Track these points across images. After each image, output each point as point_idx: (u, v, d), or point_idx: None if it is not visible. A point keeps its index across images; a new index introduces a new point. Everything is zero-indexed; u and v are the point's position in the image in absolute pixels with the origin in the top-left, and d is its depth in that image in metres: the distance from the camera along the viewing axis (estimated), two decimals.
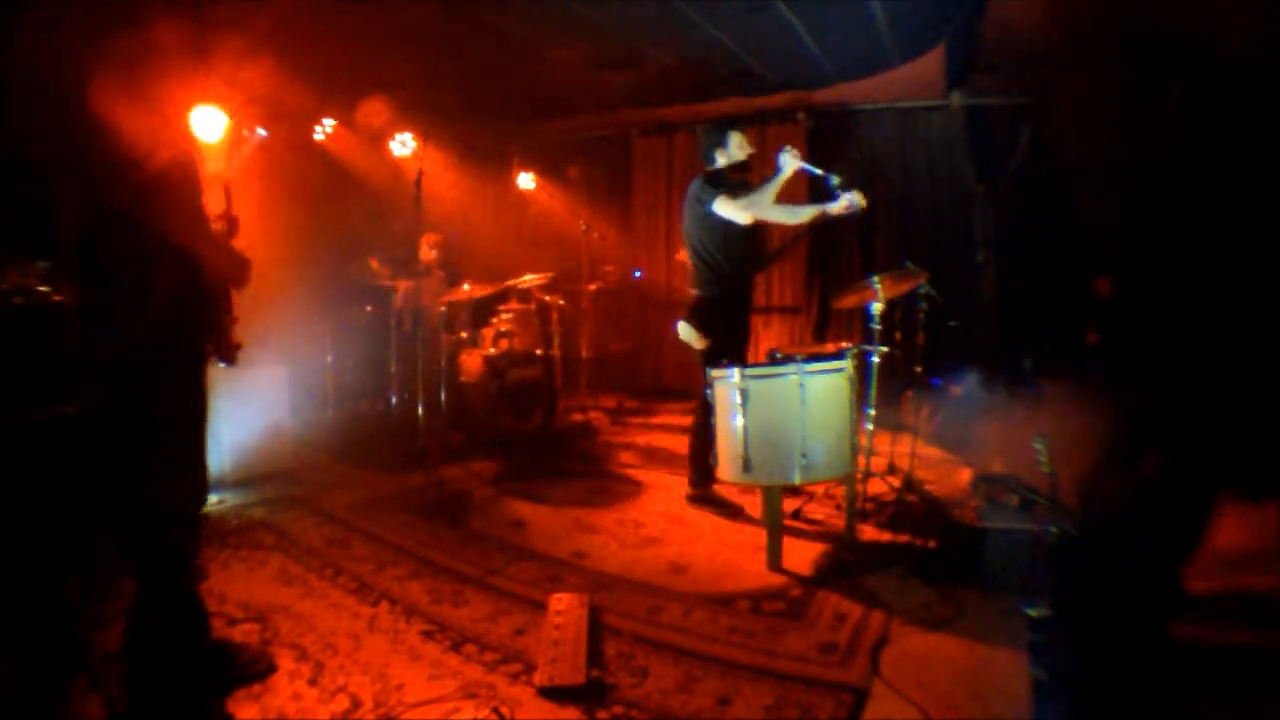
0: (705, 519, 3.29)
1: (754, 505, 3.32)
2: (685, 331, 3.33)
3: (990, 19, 3.97)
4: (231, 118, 4.82)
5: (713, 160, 3.41)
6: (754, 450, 2.70)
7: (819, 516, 3.26)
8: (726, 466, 2.86)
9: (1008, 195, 4.98)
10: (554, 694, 1.88)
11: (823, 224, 4.88)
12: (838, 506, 3.29)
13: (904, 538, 2.97)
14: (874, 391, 3.21)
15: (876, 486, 3.50)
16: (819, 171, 3.19)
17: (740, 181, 3.37)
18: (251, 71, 4.32)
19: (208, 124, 4.33)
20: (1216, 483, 1.80)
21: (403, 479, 3.95)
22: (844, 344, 3.12)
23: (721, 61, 4.90)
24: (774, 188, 3.17)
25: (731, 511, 3.35)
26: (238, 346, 2.06)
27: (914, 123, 5.62)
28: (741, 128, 3.49)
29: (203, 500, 2.01)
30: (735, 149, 3.40)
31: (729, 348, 3.24)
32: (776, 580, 2.61)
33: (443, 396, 4.65)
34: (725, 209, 3.20)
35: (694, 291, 3.38)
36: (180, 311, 2.10)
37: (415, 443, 4.33)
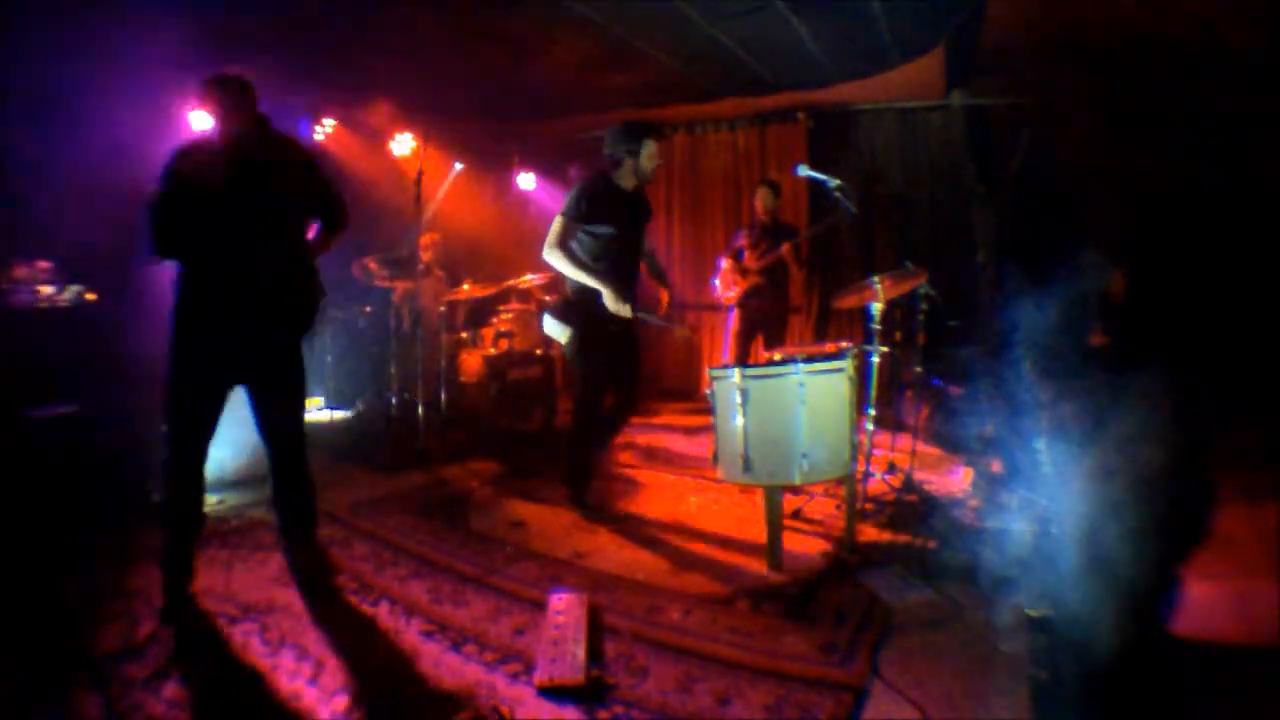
0: (705, 519, 3.30)
1: (754, 505, 3.32)
2: (549, 326, 3.35)
3: (990, 19, 3.97)
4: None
5: (614, 160, 3.26)
6: (754, 450, 2.70)
7: (819, 516, 3.27)
8: (726, 466, 2.86)
9: (1008, 195, 4.98)
10: (554, 693, 1.88)
11: (825, 226, 4.92)
12: (838, 506, 3.29)
13: (904, 538, 2.97)
14: (874, 391, 3.21)
15: (876, 486, 3.50)
16: (821, 176, 3.26)
17: (618, 202, 3.25)
18: (251, 71, 4.32)
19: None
20: (1218, 482, 1.80)
21: (403, 479, 3.95)
22: (844, 344, 3.12)
23: (721, 61, 4.90)
24: (573, 270, 3.20)
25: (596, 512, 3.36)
26: None
27: (914, 123, 5.62)
28: (660, 136, 3.28)
29: None
30: (645, 160, 3.24)
31: (594, 345, 3.26)
32: (776, 580, 2.61)
33: (443, 396, 4.65)
34: (552, 227, 3.23)
35: (567, 288, 3.38)
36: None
37: (415, 443, 4.33)
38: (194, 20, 3.48)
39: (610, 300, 3.15)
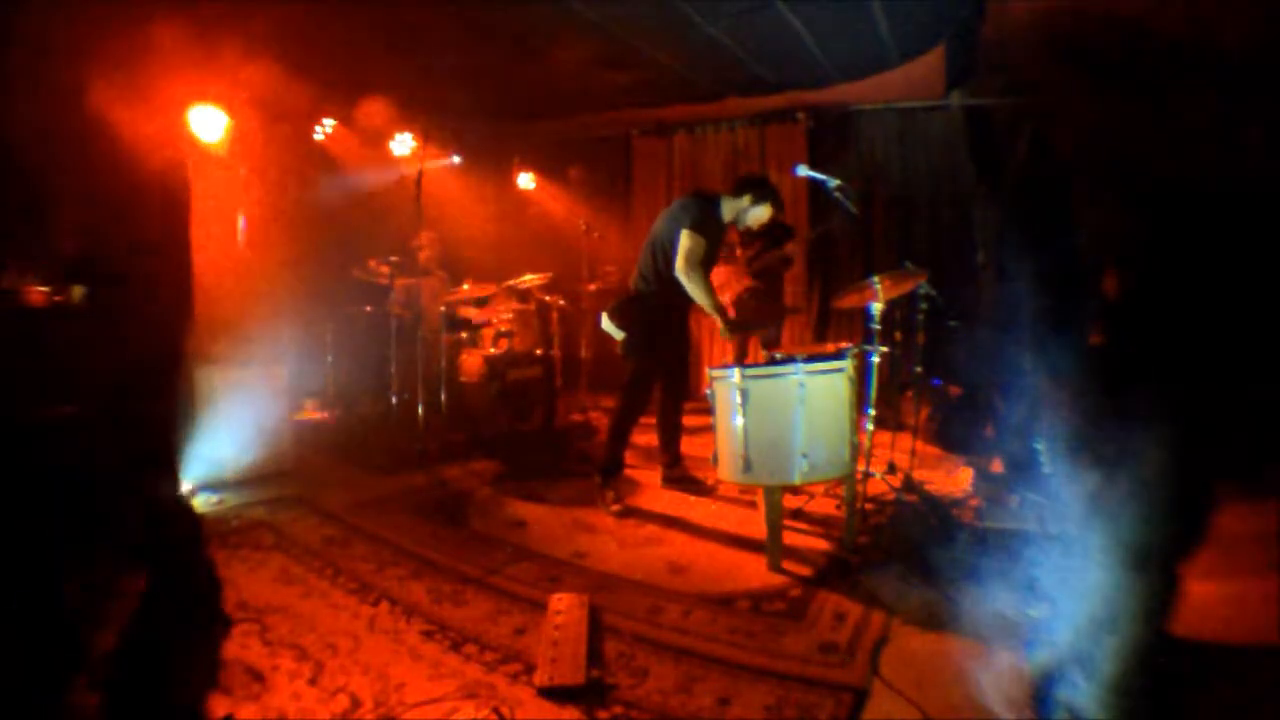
0: (705, 519, 3.29)
1: (754, 505, 3.32)
2: (606, 325, 3.46)
3: (990, 19, 3.97)
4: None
5: (737, 194, 3.42)
6: (754, 450, 2.70)
7: (819, 516, 3.27)
8: (726, 466, 2.86)
9: (1008, 195, 4.98)
10: (554, 694, 1.88)
11: (821, 232, 4.92)
12: (838, 506, 3.29)
13: (904, 537, 2.96)
14: (874, 391, 3.21)
15: (876, 486, 3.50)
16: (821, 176, 3.27)
17: (721, 232, 3.43)
18: (252, 70, 4.32)
19: (210, 123, 4.34)
20: (1218, 481, 1.80)
21: (403, 479, 3.95)
22: (844, 344, 3.12)
23: (721, 61, 4.90)
24: (706, 296, 3.24)
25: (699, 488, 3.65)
26: None
27: (914, 123, 5.62)
28: (779, 210, 3.48)
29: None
30: (751, 217, 3.41)
31: (649, 345, 3.41)
32: (776, 580, 2.61)
33: (443, 396, 4.65)
34: (682, 244, 3.25)
35: (632, 286, 3.51)
36: (178, 310, 2.12)
37: (415, 443, 4.33)
38: (192, 19, 3.48)
39: (723, 331, 3.30)
